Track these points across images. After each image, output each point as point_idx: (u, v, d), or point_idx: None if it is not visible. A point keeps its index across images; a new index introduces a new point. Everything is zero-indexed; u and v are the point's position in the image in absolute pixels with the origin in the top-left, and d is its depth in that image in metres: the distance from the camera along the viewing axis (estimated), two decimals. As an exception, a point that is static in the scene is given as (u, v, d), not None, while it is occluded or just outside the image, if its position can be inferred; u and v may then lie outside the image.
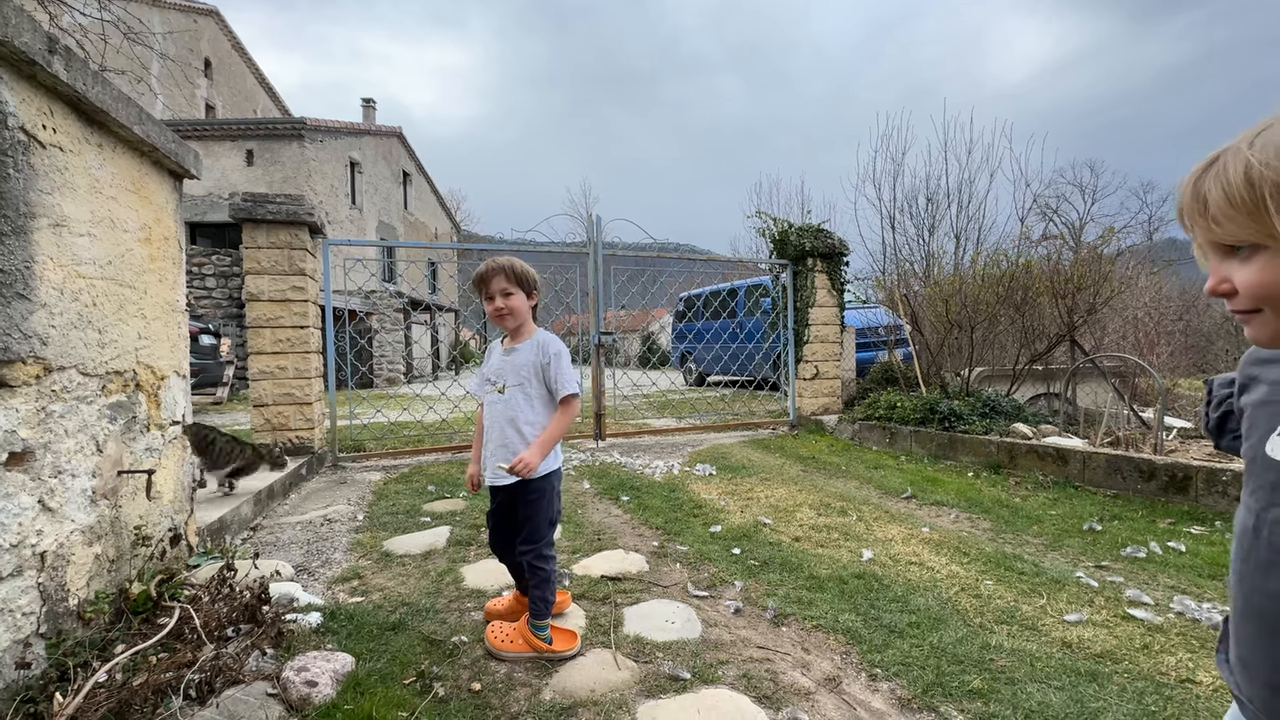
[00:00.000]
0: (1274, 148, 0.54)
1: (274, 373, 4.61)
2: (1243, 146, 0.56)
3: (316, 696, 1.53)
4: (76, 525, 1.63)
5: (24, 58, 1.41)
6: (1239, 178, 0.55)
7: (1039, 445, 4.11)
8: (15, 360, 1.42)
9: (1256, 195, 0.54)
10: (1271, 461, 0.62)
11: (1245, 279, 0.58)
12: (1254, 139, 0.56)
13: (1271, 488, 0.62)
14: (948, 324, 5.85)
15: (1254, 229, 0.56)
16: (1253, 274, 0.58)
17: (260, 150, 16.81)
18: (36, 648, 1.46)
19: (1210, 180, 0.58)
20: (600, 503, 3.67)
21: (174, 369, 2.25)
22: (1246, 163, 0.55)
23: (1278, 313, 0.59)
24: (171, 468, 2.21)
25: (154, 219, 2.13)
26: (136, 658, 1.55)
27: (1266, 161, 0.54)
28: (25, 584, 1.44)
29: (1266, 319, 0.60)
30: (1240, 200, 0.55)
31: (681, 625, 2.04)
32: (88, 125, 1.74)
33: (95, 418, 1.75)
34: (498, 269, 1.87)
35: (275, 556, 2.70)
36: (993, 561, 2.57)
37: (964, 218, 9.13)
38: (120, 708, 1.39)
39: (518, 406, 1.88)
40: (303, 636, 1.88)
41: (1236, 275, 0.59)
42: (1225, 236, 0.58)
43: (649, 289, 6.98)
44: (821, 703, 1.62)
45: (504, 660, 1.82)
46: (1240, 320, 0.62)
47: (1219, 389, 0.78)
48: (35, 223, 1.50)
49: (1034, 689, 1.64)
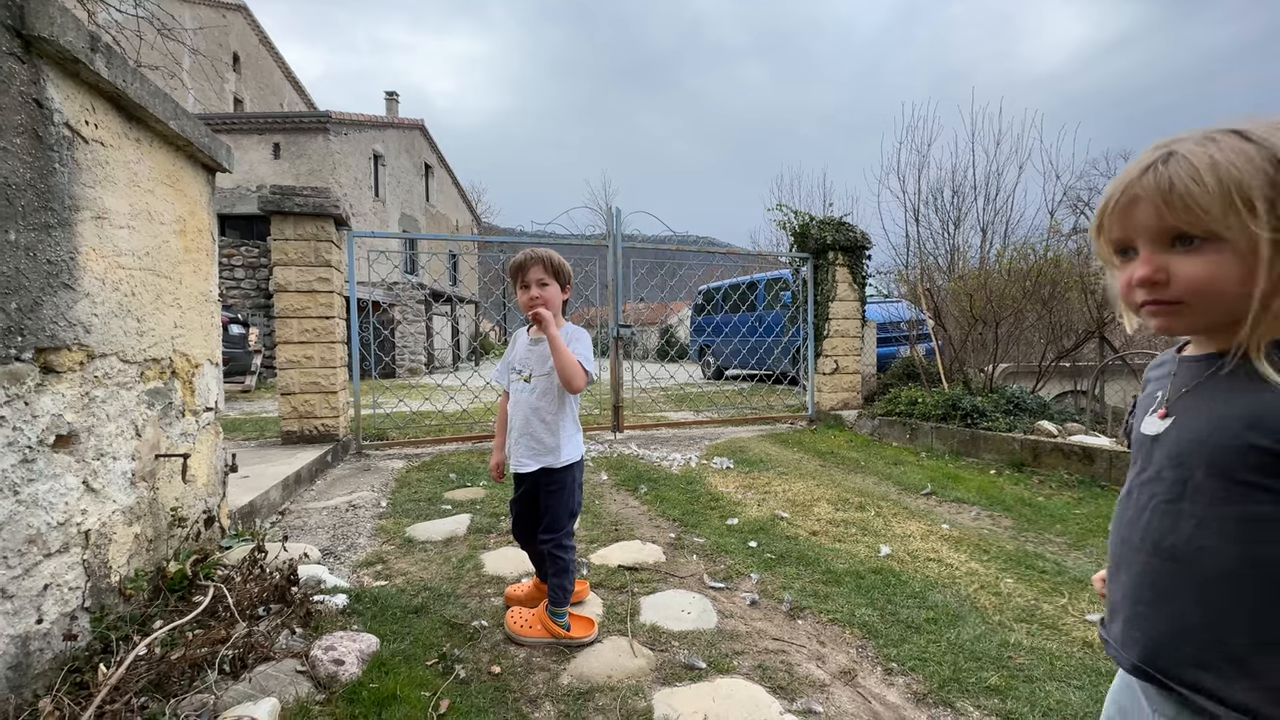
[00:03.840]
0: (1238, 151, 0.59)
1: (300, 362, 4.72)
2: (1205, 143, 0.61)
3: (343, 674, 1.59)
4: (118, 505, 1.71)
5: (68, 56, 1.46)
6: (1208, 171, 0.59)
7: (1064, 443, 4.03)
8: (61, 347, 1.49)
9: (1225, 190, 0.59)
10: (1143, 436, 0.72)
11: (1190, 272, 0.62)
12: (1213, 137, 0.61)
13: (1143, 457, 0.72)
14: (971, 319, 5.75)
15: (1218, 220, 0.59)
16: (1199, 267, 0.62)
17: (287, 143, 17.12)
18: (82, 621, 1.54)
19: (1177, 169, 0.61)
20: (618, 494, 3.70)
21: (207, 357, 2.33)
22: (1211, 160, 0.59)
23: (1199, 309, 0.63)
24: (205, 452, 2.28)
25: (189, 211, 2.19)
26: (174, 633, 1.62)
27: (1232, 162, 0.59)
28: (71, 560, 1.51)
29: (1185, 311, 0.64)
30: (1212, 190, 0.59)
31: (697, 615, 2.06)
32: (127, 120, 1.80)
33: (134, 403, 1.82)
34: (537, 259, 1.89)
35: (303, 540, 2.78)
36: (1013, 559, 2.54)
37: (991, 210, 8.95)
38: (160, 679, 1.46)
39: (543, 396, 1.91)
40: (329, 617, 1.95)
41: (1178, 266, 0.63)
42: (1183, 224, 0.61)
43: (668, 282, 6.98)
44: (836, 695, 1.63)
45: (523, 645, 1.86)
46: (1152, 312, 0.66)
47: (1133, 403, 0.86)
48: (79, 215, 1.57)
49: (1053, 687, 1.63)
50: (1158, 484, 0.68)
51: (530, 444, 1.90)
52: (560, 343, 1.80)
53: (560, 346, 1.80)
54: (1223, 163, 0.59)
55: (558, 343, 1.80)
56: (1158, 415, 0.71)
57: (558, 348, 1.80)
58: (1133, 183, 0.65)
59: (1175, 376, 0.71)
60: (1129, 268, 0.68)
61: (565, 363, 1.80)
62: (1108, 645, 0.75)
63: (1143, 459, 0.72)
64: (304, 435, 4.72)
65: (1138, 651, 0.69)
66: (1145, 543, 0.68)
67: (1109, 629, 0.75)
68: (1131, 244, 0.67)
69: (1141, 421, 0.74)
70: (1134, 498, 0.72)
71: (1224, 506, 0.62)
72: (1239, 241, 0.59)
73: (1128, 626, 0.70)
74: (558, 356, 1.81)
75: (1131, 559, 0.70)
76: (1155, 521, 0.68)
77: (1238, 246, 0.59)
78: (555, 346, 1.80)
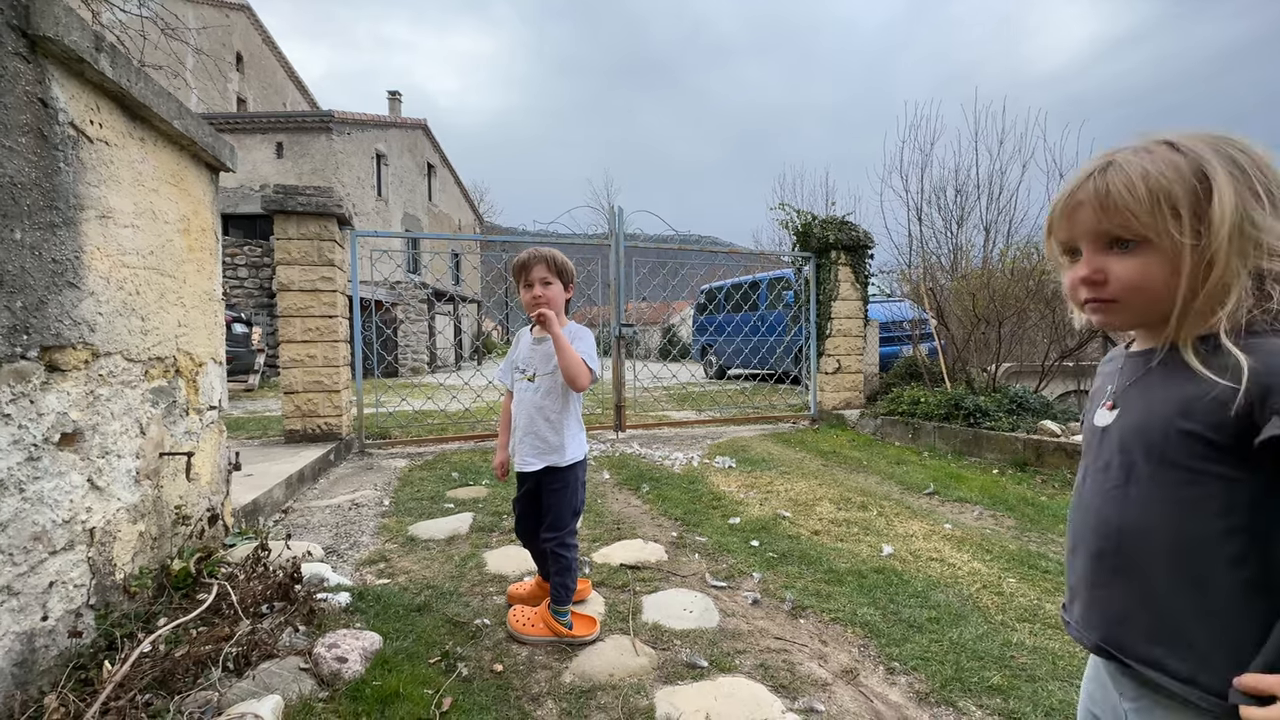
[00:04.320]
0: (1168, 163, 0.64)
1: (304, 361, 4.74)
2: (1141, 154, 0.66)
3: (346, 672, 1.59)
4: (122, 503, 1.71)
5: (73, 55, 1.47)
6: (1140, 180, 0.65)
7: (1067, 443, 4.02)
8: (66, 345, 1.49)
9: (1154, 198, 0.64)
10: (1094, 427, 0.77)
11: (1124, 271, 0.68)
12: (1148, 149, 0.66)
13: (1095, 447, 0.76)
14: (974, 318, 5.73)
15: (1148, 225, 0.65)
16: (1131, 268, 0.67)
17: (290, 143, 17.15)
18: (86, 618, 1.54)
19: (1114, 177, 0.67)
20: (620, 493, 3.70)
21: (211, 356, 2.33)
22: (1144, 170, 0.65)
23: (1133, 306, 0.69)
24: (209, 451, 2.29)
25: (192, 211, 2.20)
26: (178, 630, 1.63)
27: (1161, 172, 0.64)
28: (76, 558, 1.52)
29: (1120, 309, 0.70)
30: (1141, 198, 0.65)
31: (699, 614, 2.07)
32: (131, 120, 1.81)
33: (139, 401, 1.82)
34: (540, 258, 1.89)
35: (306, 538, 2.79)
36: (1016, 559, 2.54)
37: (994, 210, 8.92)
38: (164, 676, 1.47)
39: (548, 395, 1.91)
40: (333, 615, 1.95)
41: (1114, 267, 0.68)
42: (1117, 228, 0.67)
43: (670, 281, 6.98)
44: (838, 694, 1.63)
45: (525, 643, 1.86)
46: (1093, 309, 0.72)
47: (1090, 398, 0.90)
48: (84, 214, 1.57)
49: (1055, 687, 1.62)
50: (1108, 471, 0.72)
51: (535, 443, 1.91)
52: (564, 341, 1.81)
53: (564, 345, 1.80)
54: (1153, 173, 0.64)
55: (562, 341, 1.80)
56: (1105, 407, 0.76)
57: (562, 346, 1.80)
58: (1076, 189, 0.71)
59: (1122, 371, 0.76)
60: (1075, 267, 0.73)
61: (570, 361, 1.81)
62: (1069, 627, 0.78)
63: (1095, 448, 0.76)
64: (307, 434, 4.74)
65: (1099, 632, 0.72)
66: (1100, 526, 0.72)
67: (1070, 611, 0.78)
68: (1076, 245, 0.72)
69: (1093, 414, 0.78)
70: (1087, 485, 0.76)
71: (1163, 489, 0.66)
72: (1166, 245, 0.64)
73: (1087, 609, 0.74)
74: (562, 355, 1.81)
75: (1087, 541, 0.74)
76: (1105, 506, 0.72)
77: (1165, 250, 0.65)
78: (559, 345, 1.81)
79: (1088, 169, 0.71)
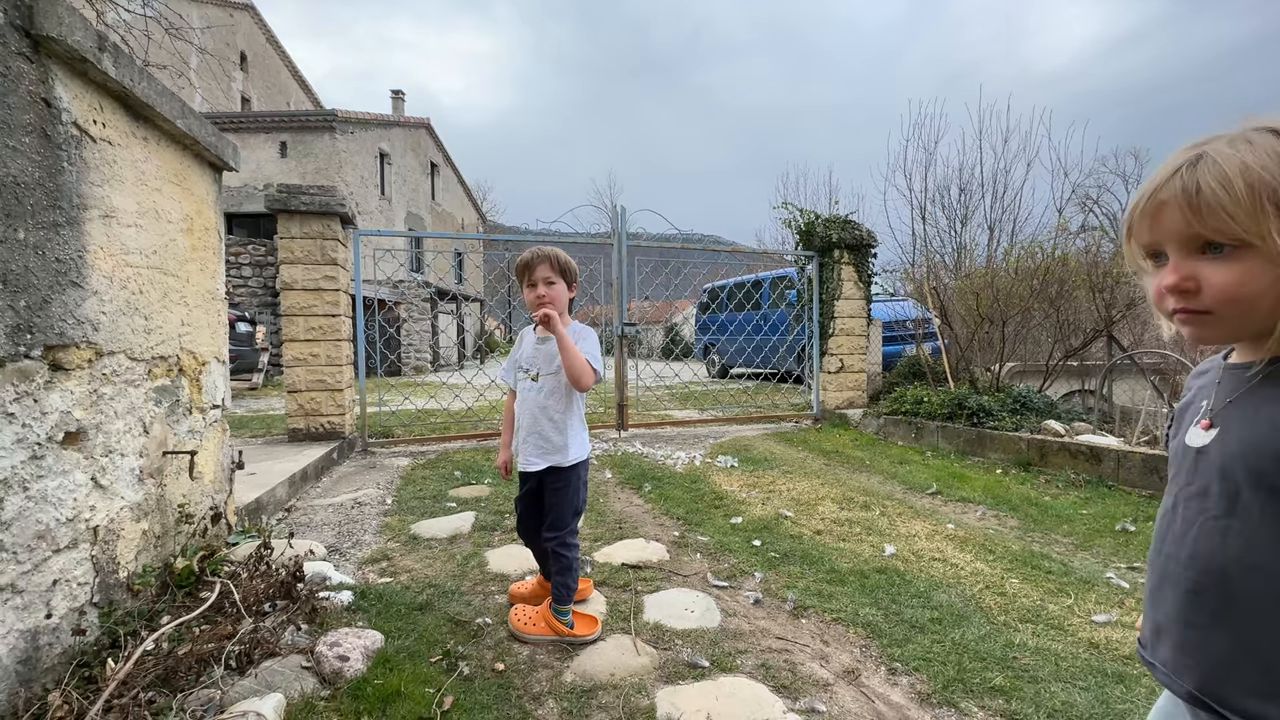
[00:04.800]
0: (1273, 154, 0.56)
1: (307, 360, 4.75)
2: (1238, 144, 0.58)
3: (348, 671, 1.60)
4: (126, 502, 1.72)
5: (76, 55, 1.47)
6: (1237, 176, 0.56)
7: (1071, 443, 4.01)
8: (70, 345, 1.50)
9: (1255, 196, 0.56)
10: (1188, 449, 0.69)
11: (1221, 279, 0.59)
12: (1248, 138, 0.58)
13: (1189, 470, 0.68)
14: (978, 318, 5.71)
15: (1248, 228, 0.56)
16: (1230, 274, 0.59)
17: (293, 142, 17.18)
18: (90, 616, 1.55)
19: (1205, 173, 0.58)
20: (622, 492, 3.70)
21: (214, 355, 2.34)
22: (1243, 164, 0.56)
23: (1229, 318, 0.61)
24: (212, 449, 2.30)
25: (195, 210, 2.21)
26: (181, 629, 1.63)
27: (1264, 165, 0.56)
28: (80, 556, 1.53)
29: (1215, 321, 0.61)
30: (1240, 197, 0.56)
31: (701, 614, 2.06)
32: (134, 119, 1.81)
33: (142, 400, 1.83)
34: (543, 257, 1.89)
35: (308, 537, 2.80)
36: (1019, 560, 2.53)
37: (998, 208, 8.90)
38: (167, 674, 1.47)
39: (551, 394, 1.91)
40: (335, 613, 1.96)
41: (1209, 274, 0.60)
42: (1210, 231, 0.59)
43: (673, 280, 6.98)
44: (840, 694, 1.63)
45: (527, 642, 1.86)
46: (1183, 320, 0.64)
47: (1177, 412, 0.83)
48: (87, 214, 1.58)
49: (1058, 688, 1.62)
50: (1205, 499, 0.65)
51: (538, 442, 1.91)
52: (568, 341, 1.81)
53: (569, 345, 1.80)
54: (1254, 166, 0.56)
55: (566, 342, 1.80)
56: (1201, 426, 0.67)
57: (565, 347, 1.80)
58: (1160, 187, 0.62)
59: (1220, 385, 0.68)
60: (1160, 273, 0.65)
61: (573, 361, 1.81)
62: (1155, 670, 0.70)
63: (1187, 471, 0.68)
64: (310, 433, 4.75)
65: (1193, 679, 0.65)
66: (1195, 561, 0.65)
67: (1154, 651, 0.70)
68: (1162, 249, 0.64)
69: (1185, 432, 0.70)
70: (1179, 513, 0.68)
71: (1274, 523, 0.58)
72: (1271, 250, 0.56)
73: (1179, 652, 0.66)
74: (566, 355, 1.81)
75: (1179, 577, 0.66)
76: (1203, 539, 0.64)
77: (1270, 255, 0.56)
78: (563, 345, 1.81)
79: (1174, 163, 0.62)
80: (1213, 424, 0.66)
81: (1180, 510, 0.68)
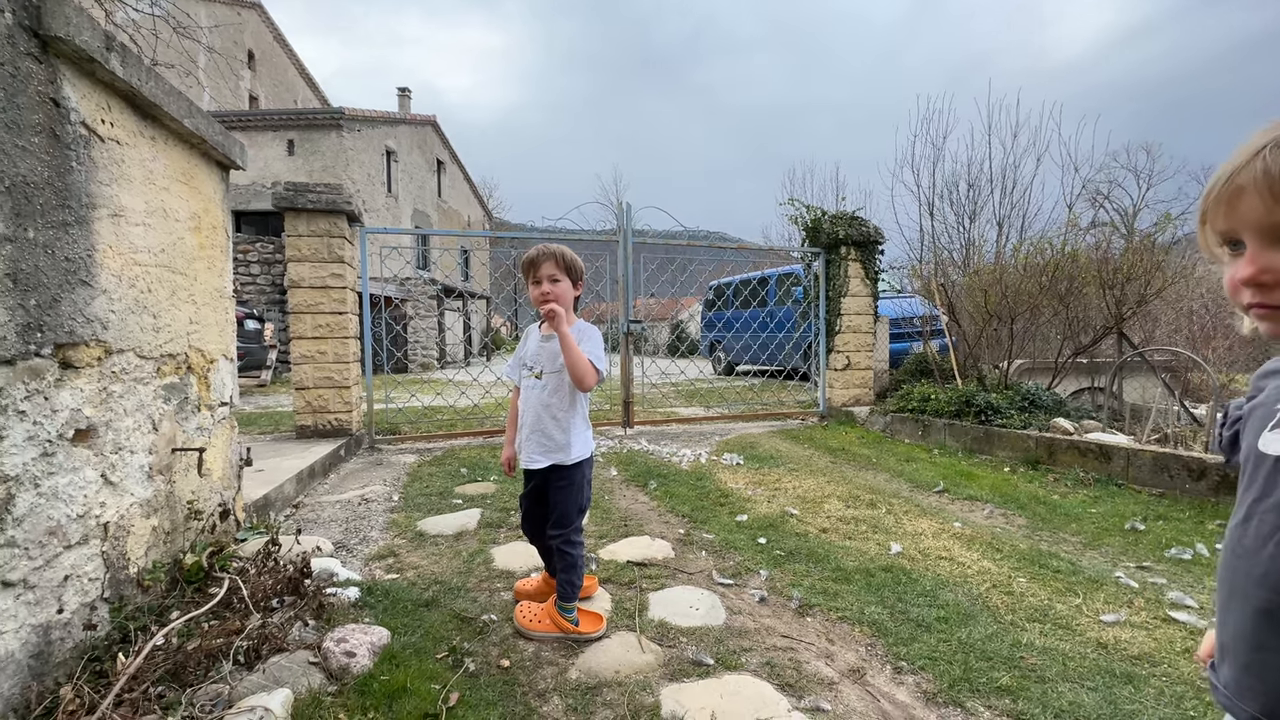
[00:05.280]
0: None
1: (314, 357, 4.78)
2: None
3: (355, 666, 1.61)
4: (135, 499, 1.74)
5: (84, 55, 1.48)
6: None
7: (1080, 441, 3.97)
8: (80, 343, 1.51)
9: None
10: (1263, 456, 0.64)
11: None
12: None
13: (1265, 480, 0.63)
14: (986, 315, 5.67)
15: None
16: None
17: (301, 140, 17.25)
18: (101, 611, 1.57)
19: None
20: (627, 489, 3.71)
21: (222, 352, 2.36)
22: None
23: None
24: (220, 446, 2.32)
25: (203, 209, 2.22)
26: (190, 624, 1.65)
27: None
28: (91, 552, 1.54)
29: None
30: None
31: (706, 612, 2.06)
32: (142, 119, 1.82)
33: (151, 398, 1.85)
34: (549, 254, 1.89)
35: (316, 533, 2.82)
36: (1027, 559, 2.51)
37: (1007, 204, 8.82)
38: (176, 669, 1.49)
39: (554, 393, 1.92)
40: (342, 610, 1.97)
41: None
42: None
43: (678, 277, 6.96)
44: (845, 693, 1.63)
45: (532, 639, 1.87)
46: (1260, 315, 0.60)
47: (1234, 410, 0.78)
48: (96, 213, 1.59)
49: (1066, 688, 1.61)
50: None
51: (541, 440, 1.91)
52: (571, 341, 1.81)
53: (571, 344, 1.80)
54: None
55: (568, 340, 1.80)
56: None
57: (568, 346, 1.80)
58: (1238, 170, 0.58)
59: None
60: (1237, 264, 0.61)
61: (576, 361, 1.81)
62: (1216, 691, 0.67)
63: (1264, 481, 0.63)
64: (318, 429, 4.78)
65: (1258, 703, 0.61)
66: (1268, 579, 0.60)
67: (1218, 673, 0.67)
68: (1239, 236, 0.61)
69: (1259, 437, 0.65)
70: (1253, 525, 0.63)
71: None
72: None
73: (1244, 674, 0.63)
74: (568, 354, 1.81)
75: (1251, 594, 0.62)
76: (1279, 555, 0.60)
77: None
78: (566, 345, 1.80)
79: (1255, 145, 0.58)
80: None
81: (1255, 523, 0.63)
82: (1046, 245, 5.81)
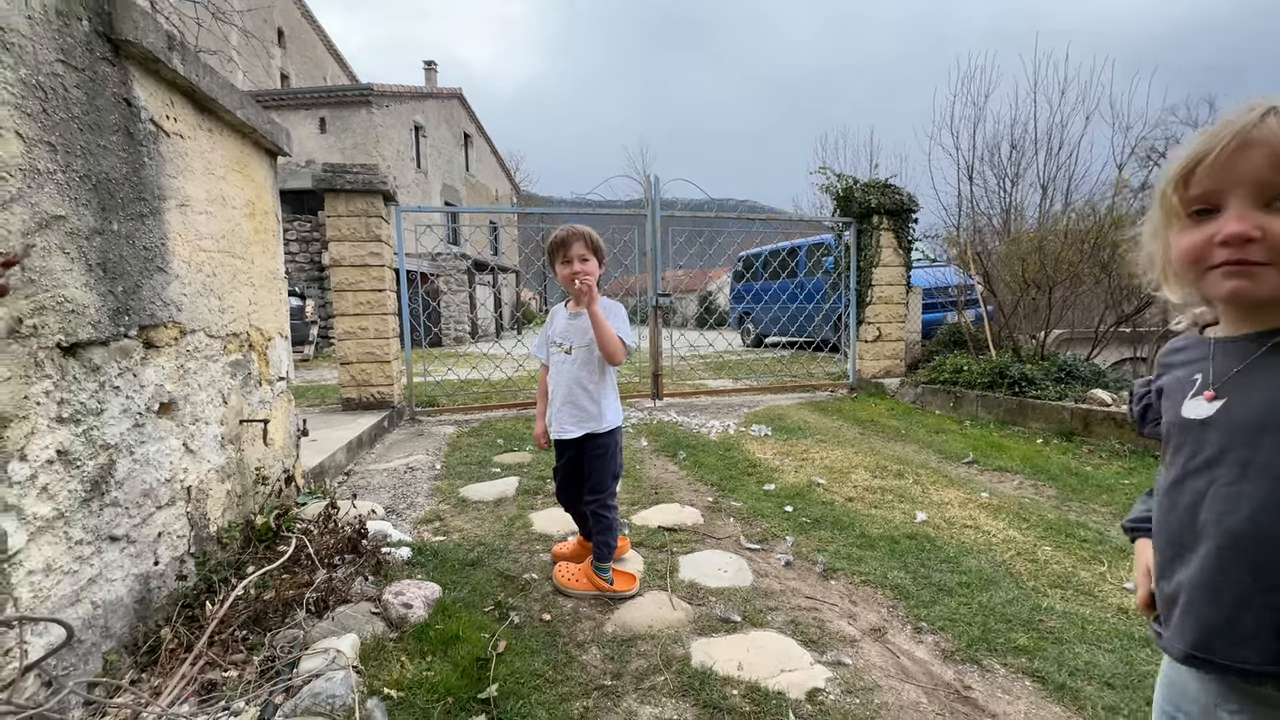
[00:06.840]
0: None
1: (356, 333, 4.98)
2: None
3: (412, 616, 1.77)
4: (212, 465, 1.91)
5: (150, 56, 1.59)
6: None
7: (1117, 412, 3.91)
8: (159, 324, 1.66)
9: None
10: (1189, 421, 0.70)
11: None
12: None
13: (1193, 442, 0.69)
14: (1024, 283, 5.53)
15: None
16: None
17: (332, 118, 17.50)
18: (189, 564, 1.76)
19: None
20: (658, 459, 3.82)
21: (278, 330, 2.52)
22: None
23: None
24: (280, 418, 2.50)
25: (256, 195, 2.35)
26: (265, 578, 1.83)
27: None
28: (178, 512, 1.72)
29: (1270, 275, 0.61)
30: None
31: (733, 574, 2.17)
32: (200, 112, 1.94)
33: (220, 374, 2.01)
34: (579, 235, 1.98)
35: (367, 499, 3.02)
36: (1053, 528, 2.54)
37: (1053, 165, 8.43)
38: (256, 616, 1.67)
39: (584, 366, 2.01)
40: (396, 567, 2.14)
41: (1274, 226, 0.60)
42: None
43: (707, 249, 6.94)
44: (866, 649, 1.72)
45: (570, 596, 2.01)
46: (1232, 271, 0.63)
47: (1139, 389, 0.84)
48: (166, 204, 1.72)
49: (1083, 649, 1.67)
50: (1216, 468, 0.65)
51: (574, 412, 2.02)
52: (601, 318, 1.89)
53: (601, 321, 1.89)
54: None
55: (599, 318, 1.89)
56: (1204, 398, 0.68)
57: (599, 322, 1.89)
58: (1251, 126, 0.60)
59: (1215, 358, 0.69)
60: (1204, 227, 0.64)
61: (606, 337, 1.90)
62: (1159, 639, 0.72)
63: (1191, 444, 0.69)
64: (362, 402, 5.02)
65: (1190, 638, 0.67)
66: (1206, 528, 0.65)
67: (1165, 624, 0.72)
68: (1215, 201, 0.63)
69: (1181, 405, 0.71)
70: (1187, 485, 0.68)
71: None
72: None
73: (1183, 614, 0.68)
74: (599, 330, 1.90)
75: (1190, 545, 0.67)
76: (1216, 505, 0.64)
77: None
78: (596, 321, 1.89)
79: (1261, 106, 0.60)
80: (1217, 395, 0.67)
81: (1188, 483, 0.68)
82: (1090, 210, 5.60)
